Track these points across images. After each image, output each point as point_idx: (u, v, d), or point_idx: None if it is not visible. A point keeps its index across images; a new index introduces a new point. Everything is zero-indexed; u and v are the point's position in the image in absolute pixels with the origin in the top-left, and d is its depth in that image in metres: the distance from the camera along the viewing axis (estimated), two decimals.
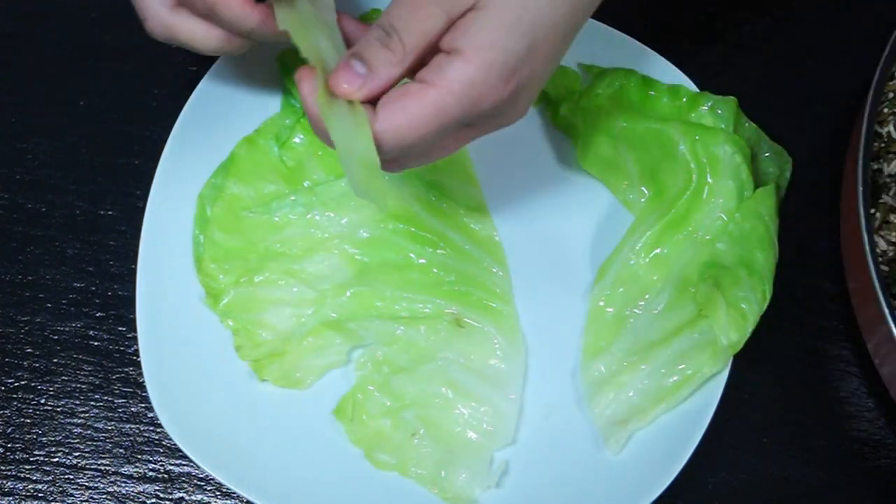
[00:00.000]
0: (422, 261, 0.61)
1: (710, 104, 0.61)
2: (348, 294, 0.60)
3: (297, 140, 0.63)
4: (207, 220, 0.62)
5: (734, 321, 0.56)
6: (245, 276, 0.60)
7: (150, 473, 0.61)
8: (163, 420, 0.58)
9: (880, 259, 0.58)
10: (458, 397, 0.59)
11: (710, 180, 0.59)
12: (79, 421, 0.62)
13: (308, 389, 0.60)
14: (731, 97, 0.61)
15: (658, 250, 0.60)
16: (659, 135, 0.60)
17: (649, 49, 0.64)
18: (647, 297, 0.60)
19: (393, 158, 0.48)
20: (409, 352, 0.60)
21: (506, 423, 0.58)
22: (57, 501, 0.61)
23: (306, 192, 0.61)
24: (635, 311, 0.60)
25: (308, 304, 0.61)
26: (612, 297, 0.60)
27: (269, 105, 0.64)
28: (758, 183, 0.60)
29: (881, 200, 0.60)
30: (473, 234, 0.62)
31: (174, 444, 0.59)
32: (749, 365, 0.60)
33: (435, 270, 0.61)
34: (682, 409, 0.58)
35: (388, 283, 0.60)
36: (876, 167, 0.61)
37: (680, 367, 0.57)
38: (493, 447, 0.58)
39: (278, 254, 0.61)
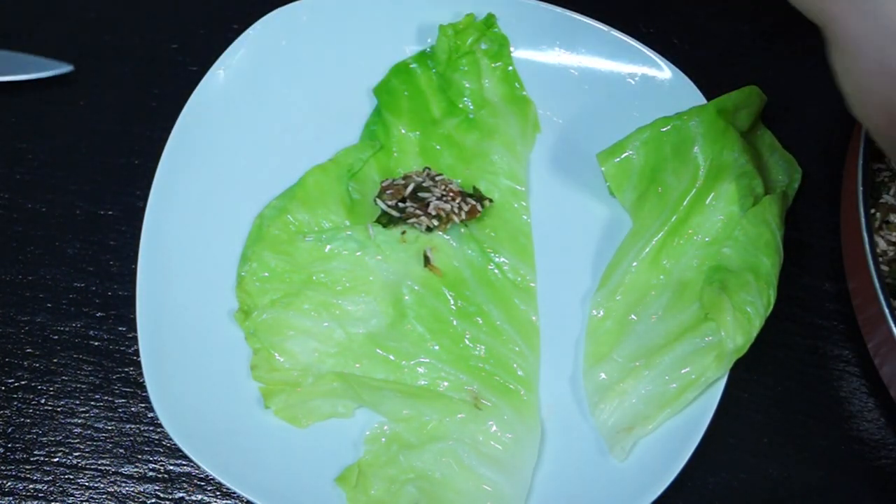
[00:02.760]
0: (455, 325, 0.60)
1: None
2: (376, 352, 0.60)
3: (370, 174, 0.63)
4: (262, 239, 0.61)
5: (740, 325, 0.56)
6: (283, 299, 0.60)
7: (150, 473, 0.61)
8: (163, 420, 0.58)
9: (880, 259, 0.58)
10: (463, 477, 0.57)
11: (716, 184, 0.60)
12: (79, 421, 0.62)
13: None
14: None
15: (660, 254, 0.60)
16: (679, 131, 0.60)
17: (649, 49, 0.64)
18: (647, 301, 0.60)
19: None
20: (421, 431, 0.58)
21: (515, 494, 0.57)
22: (57, 501, 0.61)
23: (363, 230, 0.61)
24: (636, 316, 0.60)
25: (333, 345, 0.60)
26: (613, 303, 0.60)
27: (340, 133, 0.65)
28: (767, 190, 0.60)
29: (881, 200, 0.60)
30: (514, 312, 0.61)
31: (174, 444, 0.59)
32: (749, 365, 0.60)
33: (466, 342, 0.60)
34: (681, 410, 0.58)
35: (417, 344, 0.60)
36: (876, 167, 0.61)
37: (683, 371, 0.57)
38: None
39: (320, 284, 0.61)
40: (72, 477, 0.61)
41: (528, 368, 0.60)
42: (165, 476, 0.61)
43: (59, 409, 0.62)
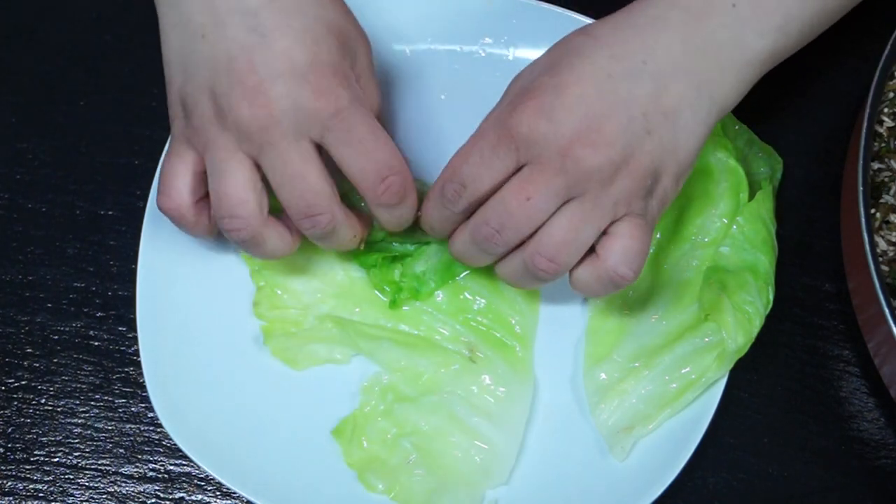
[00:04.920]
0: (457, 277, 0.61)
1: None
2: (376, 295, 0.60)
3: None
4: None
5: (741, 325, 0.56)
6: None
7: (150, 473, 0.61)
8: (163, 420, 0.58)
9: (880, 259, 0.58)
10: (458, 432, 0.58)
11: (710, 185, 0.60)
12: (79, 421, 0.62)
13: (308, 398, 0.60)
14: None
15: (659, 255, 0.60)
16: None
17: None
18: (647, 301, 0.60)
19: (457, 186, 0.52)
20: (416, 382, 0.59)
21: (502, 464, 0.58)
22: (57, 501, 0.61)
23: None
24: (636, 316, 0.60)
25: (334, 285, 0.61)
26: (613, 304, 0.60)
27: None
28: (752, 184, 0.60)
29: (881, 200, 0.60)
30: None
31: (174, 444, 0.59)
32: (749, 365, 0.60)
33: (467, 294, 0.60)
34: (681, 410, 0.58)
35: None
36: (876, 167, 0.61)
37: (683, 371, 0.57)
38: (486, 485, 0.58)
39: None
40: (72, 477, 0.61)
41: (525, 326, 0.60)
42: (165, 476, 0.61)
43: (59, 409, 0.62)
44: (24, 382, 0.63)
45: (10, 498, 0.61)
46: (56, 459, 0.61)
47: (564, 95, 0.50)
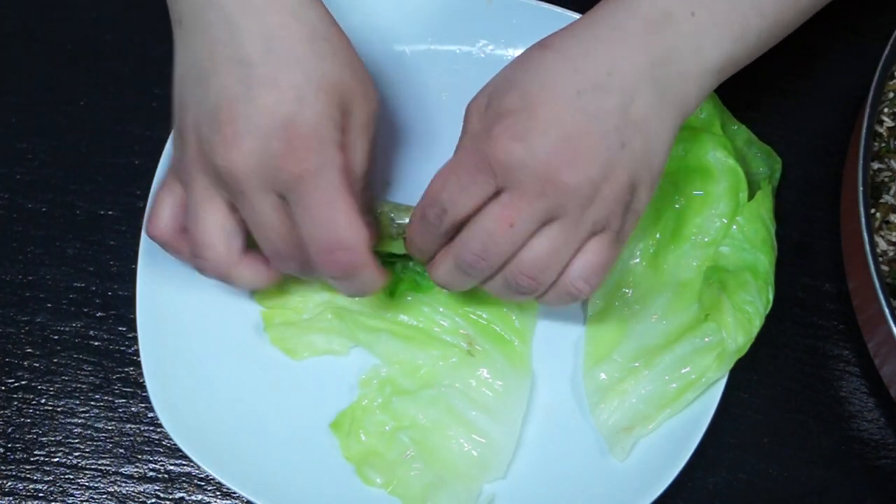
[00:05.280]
0: None
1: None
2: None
3: None
4: None
5: (741, 325, 0.56)
6: None
7: (150, 473, 0.61)
8: (163, 420, 0.58)
9: (880, 259, 0.58)
10: (455, 425, 0.58)
11: (709, 185, 0.60)
12: (79, 421, 0.62)
13: (308, 392, 0.60)
14: (712, 94, 0.61)
15: (659, 255, 0.60)
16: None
17: None
18: (647, 302, 0.60)
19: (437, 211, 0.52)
20: (414, 375, 0.59)
21: (499, 458, 0.58)
22: (57, 501, 0.61)
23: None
24: (636, 316, 0.60)
25: None
26: (613, 304, 0.60)
27: None
28: (751, 184, 0.60)
29: (881, 200, 0.60)
30: None
31: (174, 444, 0.59)
32: (749, 365, 0.60)
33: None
34: (681, 410, 0.58)
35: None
36: (876, 167, 0.61)
37: (683, 371, 0.57)
38: (483, 480, 0.58)
39: None
40: (72, 477, 0.61)
41: (524, 321, 0.61)
42: (165, 476, 0.61)
43: (59, 409, 0.62)
44: (24, 382, 0.63)
45: (10, 498, 0.61)
46: (56, 459, 0.61)
47: (537, 118, 0.50)
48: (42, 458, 0.61)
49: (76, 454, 0.62)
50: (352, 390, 0.60)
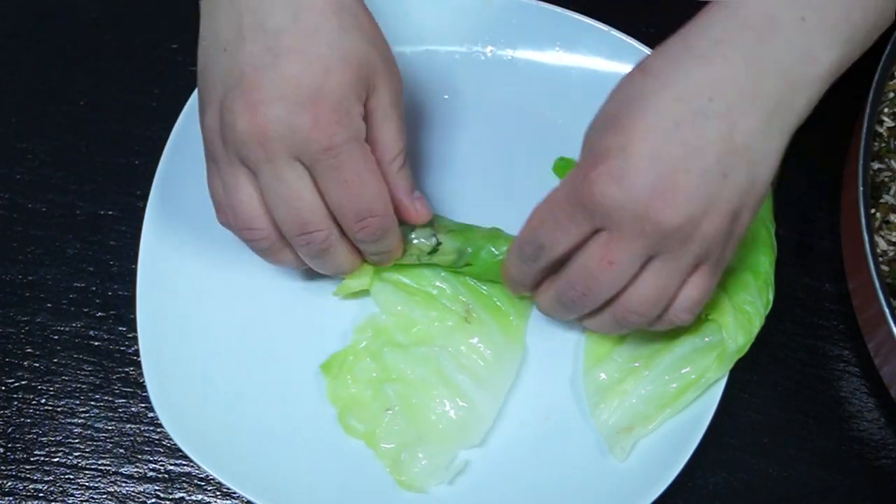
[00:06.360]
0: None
1: None
2: None
3: None
4: None
5: (741, 325, 0.56)
6: None
7: (150, 473, 0.61)
8: (163, 420, 0.58)
9: (880, 259, 0.58)
10: (441, 386, 0.59)
11: None
12: (79, 421, 0.62)
13: (309, 392, 0.60)
14: None
15: None
16: None
17: (649, 49, 0.64)
18: None
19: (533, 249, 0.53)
20: (409, 331, 0.60)
21: (479, 425, 0.58)
22: (57, 501, 0.61)
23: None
24: None
25: None
26: None
27: None
28: None
29: (881, 200, 0.60)
30: None
31: (174, 444, 0.59)
32: (749, 365, 0.60)
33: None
34: (681, 410, 0.58)
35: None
36: (876, 167, 0.61)
37: (683, 371, 0.57)
38: (461, 444, 0.58)
39: None
40: (72, 477, 0.61)
41: (524, 301, 0.61)
42: (165, 476, 0.61)
43: (59, 409, 0.62)
44: (24, 382, 0.63)
45: (10, 498, 0.61)
46: (56, 459, 0.61)
47: (633, 156, 0.48)
48: (42, 458, 0.61)
49: (76, 454, 0.62)
50: (345, 336, 0.60)
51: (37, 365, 0.63)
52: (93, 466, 0.61)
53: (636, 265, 0.50)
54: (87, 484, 0.61)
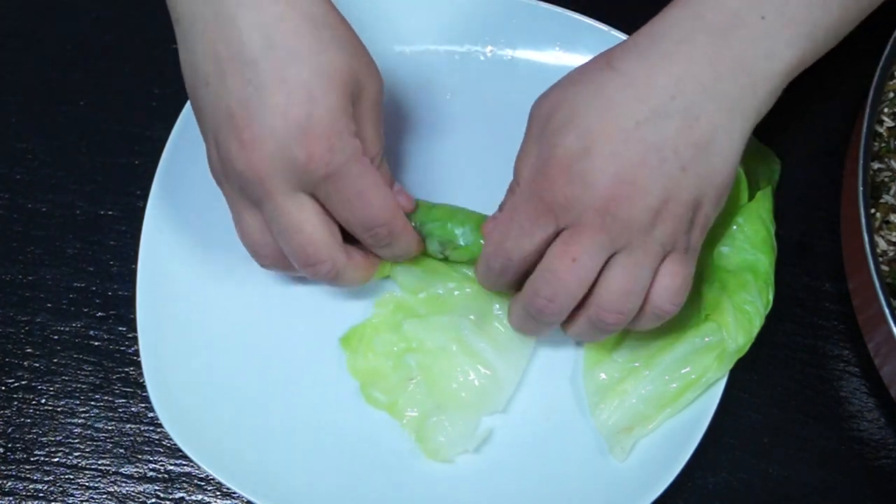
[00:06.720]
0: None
1: None
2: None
3: None
4: None
5: (741, 325, 0.56)
6: None
7: (150, 473, 0.61)
8: (163, 420, 0.58)
9: (880, 259, 0.58)
10: (462, 354, 0.59)
11: None
12: (79, 421, 0.62)
13: (309, 392, 0.60)
14: None
15: None
16: None
17: None
18: None
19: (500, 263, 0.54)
20: (430, 303, 0.60)
21: (501, 390, 0.59)
22: (57, 501, 0.61)
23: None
24: None
25: None
26: None
27: None
28: (750, 184, 0.60)
29: (881, 200, 0.60)
30: None
31: (174, 444, 0.59)
32: (749, 365, 0.60)
33: None
34: (681, 410, 0.58)
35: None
36: (876, 167, 0.61)
37: (683, 371, 0.57)
38: (484, 411, 0.59)
39: None
40: (72, 477, 0.61)
41: None
42: (165, 476, 0.61)
43: (59, 409, 0.62)
44: (24, 382, 0.63)
45: (10, 498, 0.61)
46: (56, 459, 0.61)
47: (595, 156, 0.49)
48: (42, 458, 0.61)
49: (76, 454, 0.62)
50: (366, 310, 0.61)
51: (37, 365, 0.63)
52: (93, 466, 0.61)
53: (599, 260, 0.51)
54: (87, 484, 0.61)
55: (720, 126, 0.50)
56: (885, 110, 0.62)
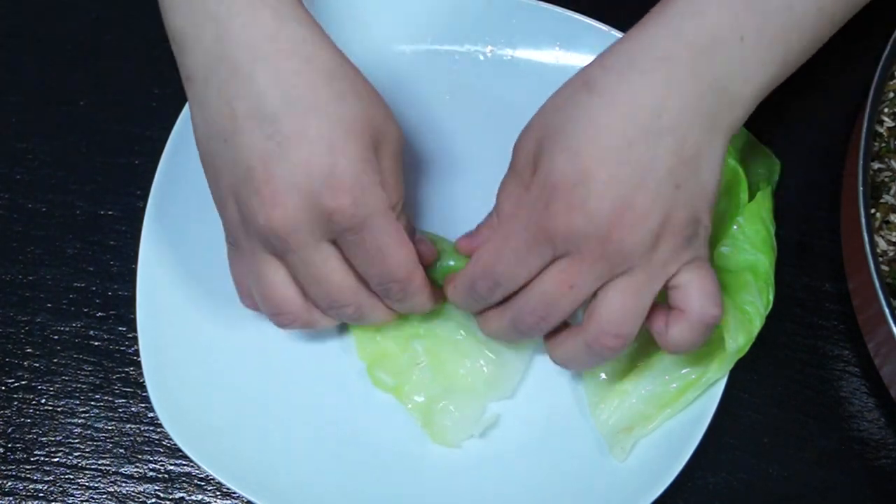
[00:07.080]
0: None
1: None
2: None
3: None
4: None
5: (741, 325, 0.56)
6: None
7: (150, 473, 0.61)
8: (163, 420, 0.58)
9: (880, 259, 0.58)
10: (469, 342, 0.59)
11: None
12: (79, 421, 0.62)
13: (309, 391, 0.60)
14: None
15: None
16: None
17: None
18: None
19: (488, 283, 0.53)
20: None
21: (509, 376, 0.59)
22: (57, 501, 0.61)
23: None
24: None
25: None
26: None
27: None
28: (751, 185, 0.60)
29: (881, 200, 0.60)
30: None
31: (174, 444, 0.59)
32: (749, 365, 0.60)
33: None
34: (681, 410, 0.58)
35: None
36: (876, 167, 0.61)
37: (683, 371, 0.57)
38: (491, 397, 0.59)
39: None
40: (72, 477, 0.61)
41: None
42: (165, 476, 0.61)
43: (59, 409, 0.62)
44: (24, 382, 0.63)
45: (10, 498, 0.61)
46: (56, 459, 0.61)
47: (593, 183, 0.49)
48: (42, 458, 0.61)
49: (76, 454, 0.62)
50: (343, 350, 0.61)
51: (37, 365, 0.63)
52: (93, 466, 0.61)
53: (595, 286, 0.51)
54: (87, 484, 0.61)
55: (705, 142, 0.50)
56: (885, 110, 0.62)
